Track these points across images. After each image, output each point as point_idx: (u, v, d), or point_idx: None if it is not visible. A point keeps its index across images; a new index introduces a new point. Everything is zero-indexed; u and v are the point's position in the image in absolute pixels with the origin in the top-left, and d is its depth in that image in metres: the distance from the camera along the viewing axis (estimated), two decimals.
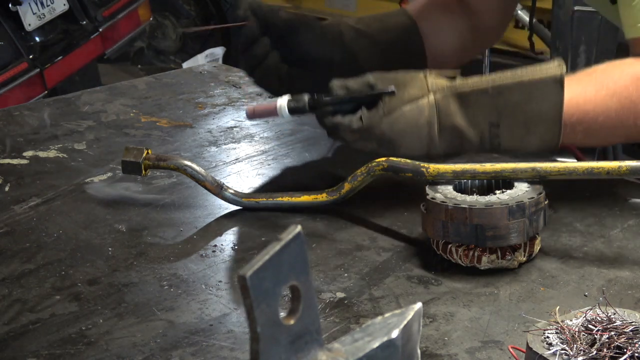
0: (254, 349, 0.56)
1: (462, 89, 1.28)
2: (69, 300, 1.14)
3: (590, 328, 0.87)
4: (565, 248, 1.23)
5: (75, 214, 1.38)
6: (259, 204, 1.35)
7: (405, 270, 1.19)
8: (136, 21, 4.70)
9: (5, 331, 1.07)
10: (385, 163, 1.26)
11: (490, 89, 1.27)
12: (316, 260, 1.22)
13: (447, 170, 1.21)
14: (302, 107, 1.32)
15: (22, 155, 1.62)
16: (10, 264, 1.23)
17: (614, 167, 1.18)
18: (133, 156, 1.37)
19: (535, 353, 0.85)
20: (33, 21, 3.97)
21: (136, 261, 1.23)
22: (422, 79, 1.30)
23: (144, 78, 2.10)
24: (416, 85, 1.29)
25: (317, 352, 0.61)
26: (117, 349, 1.03)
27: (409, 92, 1.28)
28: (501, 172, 1.21)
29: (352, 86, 1.30)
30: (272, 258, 0.57)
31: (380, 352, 0.62)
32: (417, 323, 0.65)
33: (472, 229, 1.14)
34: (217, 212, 1.36)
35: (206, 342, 1.04)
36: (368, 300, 1.12)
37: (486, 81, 1.28)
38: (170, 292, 1.15)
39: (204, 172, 1.36)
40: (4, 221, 1.36)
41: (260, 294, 0.56)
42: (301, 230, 0.59)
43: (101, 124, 1.76)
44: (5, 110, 1.90)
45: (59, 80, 4.06)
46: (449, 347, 1.01)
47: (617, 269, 1.17)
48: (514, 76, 1.28)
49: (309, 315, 0.60)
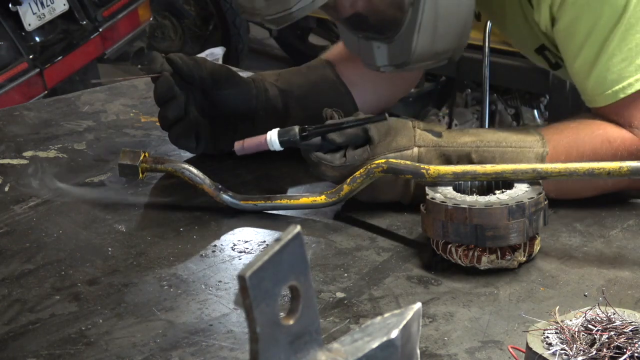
0: (254, 349, 0.56)
1: (446, 149, 1.30)
2: (69, 300, 1.14)
3: (590, 328, 0.87)
4: (565, 248, 1.23)
5: (75, 214, 1.38)
6: (257, 206, 1.35)
7: (405, 270, 1.19)
8: (136, 21, 4.70)
9: (5, 331, 1.07)
10: (385, 165, 1.25)
11: (473, 154, 1.30)
12: (316, 260, 1.22)
13: (447, 172, 1.21)
14: (293, 136, 1.31)
15: (22, 155, 1.62)
16: (10, 264, 1.23)
17: (615, 168, 1.17)
18: (130, 159, 1.37)
19: (535, 353, 0.85)
20: (33, 21, 3.97)
21: (136, 261, 1.23)
22: (411, 130, 1.32)
23: (144, 78, 2.10)
24: (405, 136, 1.31)
25: (316, 352, 0.61)
26: (117, 349, 1.03)
27: (397, 141, 1.30)
28: (502, 174, 1.20)
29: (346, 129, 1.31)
30: (271, 258, 0.57)
31: (379, 352, 0.62)
32: (416, 323, 0.65)
33: (471, 229, 1.14)
34: (216, 212, 1.36)
35: (206, 342, 1.04)
36: (368, 300, 1.12)
37: (470, 143, 1.30)
38: (170, 292, 1.15)
39: (202, 174, 1.36)
40: (4, 221, 1.36)
41: (260, 294, 0.56)
42: (300, 230, 0.59)
43: (101, 124, 1.76)
44: (5, 110, 1.90)
45: (59, 80, 4.06)
46: (448, 347, 1.01)
47: (617, 269, 1.17)
48: (498, 143, 1.30)
49: (309, 316, 0.60)
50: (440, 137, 1.31)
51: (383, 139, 1.30)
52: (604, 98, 1.31)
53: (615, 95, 1.30)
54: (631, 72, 1.28)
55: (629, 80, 1.28)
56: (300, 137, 1.31)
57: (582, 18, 1.29)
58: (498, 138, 1.31)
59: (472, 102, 4.38)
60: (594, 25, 1.28)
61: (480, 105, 3.93)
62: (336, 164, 1.30)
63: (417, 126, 1.33)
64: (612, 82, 1.29)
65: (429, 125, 1.34)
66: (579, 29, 1.30)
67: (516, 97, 4.21)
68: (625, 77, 1.28)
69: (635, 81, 1.28)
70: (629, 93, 1.28)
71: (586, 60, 1.31)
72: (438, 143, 1.31)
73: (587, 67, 1.31)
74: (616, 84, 1.29)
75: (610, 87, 1.30)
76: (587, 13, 1.28)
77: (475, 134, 1.32)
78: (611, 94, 1.30)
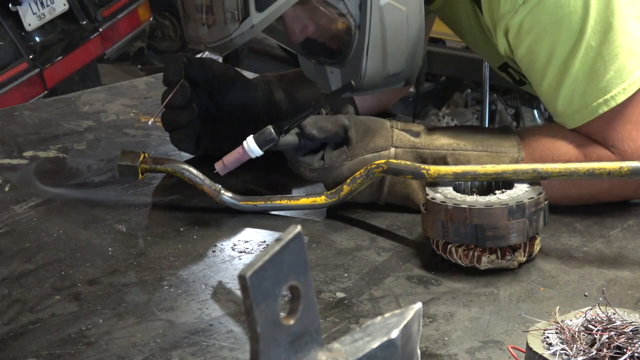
0: (254, 349, 0.56)
1: (423, 151, 1.31)
2: (69, 300, 1.14)
3: (590, 328, 0.87)
4: (565, 248, 1.23)
5: (75, 214, 1.38)
6: (257, 207, 1.35)
7: (405, 270, 1.19)
8: (136, 21, 4.70)
9: (5, 331, 1.07)
10: (385, 165, 1.26)
11: (448, 157, 1.30)
12: (316, 261, 1.22)
13: (447, 172, 1.21)
14: (269, 134, 1.31)
15: (22, 155, 1.62)
16: (10, 264, 1.23)
17: (615, 168, 1.17)
18: (130, 160, 1.37)
19: (535, 353, 0.85)
20: (33, 21, 3.97)
21: (136, 261, 1.23)
22: (389, 130, 1.33)
23: (144, 78, 2.10)
24: (382, 136, 1.32)
25: (316, 352, 0.61)
26: (117, 349, 1.03)
27: (374, 142, 1.32)
28: (502, 174, 1.20)
29: (324, 125, 1.32)
30: (272, 258, 0.57)
31: (380, 352, 0.62)
32: (417, 323, 0.65)
33: (472, 229, 1.14)
34: (216, 212, 1.36)
35: (206, 342, 1.04)
36: (368, 300, 1.12)
37: (447, 146, 1.31)
38: (170, 292, 1.15)
39: (202, 175, 1.36)
40: (4, 221, 1.36)
41: (260, 294, 0.56)
42: (301, 230, 0.59)
43: (101, 124, 1.76)
44: (5, 110, 1.90)
45: (59, 80, 4.06)
46: (449, 347, 1.01)
47: (617, 269, 1.17)
48: (474, 146, 1.31)
49: (309, 316, 0.60)
50: (418, 137, 1.33)
51: (360, 140, 1.31)
52: (573, 120, 1.31)
53: (583, 118, 1.29)
54: (597, 94, 1.27)
55: (597, 101, 1.27)
56: (275, 133, 1.31)
57: (540, 44, 1.29)
58: (474, 141, 1.32)
59: (472, 102, 4.38)
60: (552, 49, 1.28)
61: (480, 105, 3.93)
62: (315, 166, 1.32)
63: (395, 126, 1.34)
64: (579, 104, 1.29)
65: (407, 125, 1.35)
66: (539, 55, 1.30)
67: (516, 97, 4.21)
68: (591, 100, 1.28)
69: (604, 101, 1.27)
70: (599, 113, 1.28)
71: (551, 85, 1.30)
72: (415, 144, 1.32)
73: (553, 90, 1.30)
74: (584, 107, 1.28)
75: (579, 110, 1.29)
76: (544, 38, 1.28)
77: (453, 135, 1.33)
78: (579, 117, 1.29)
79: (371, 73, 1.34)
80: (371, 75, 1.34)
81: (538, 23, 1.27)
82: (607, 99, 1.27)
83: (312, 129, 1.31)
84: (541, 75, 1.31)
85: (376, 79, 1.35)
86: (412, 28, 1.33)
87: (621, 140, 1.28)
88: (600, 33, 1.25)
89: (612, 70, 1.26)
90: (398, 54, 1.34)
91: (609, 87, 1.26)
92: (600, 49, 1.26)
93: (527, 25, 1.28)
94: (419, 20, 1.34)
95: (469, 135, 1.33)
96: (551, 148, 1.31)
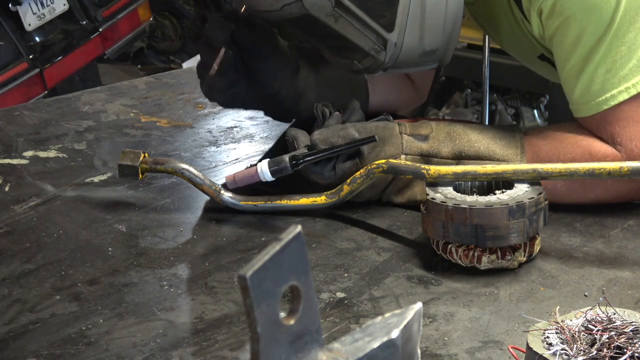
0: (254, 349, 0.56)
1: (430, 159, 1.33)
2: (69, 300, 1.14)
3: (590, 328, 0.87)
4: (565, 248, 1.23)
5: (75, 214, 1.38)
6: (257, 207, 1.35)
7: (405, 270, 1.19)
8: (136, 21, 4.70)
9: (5, 331, 1.07)
10: (385, 165, 1.26)
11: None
12: (316, 260, 1.22)
13: (447, 172, 1.21)
14: (284, 167, 1.33)
15: (22, 155, 1.62)
16: (10, 264, 1.23)
17: (615, 168, 1.17)
18: (130, 160, 1.37)
19: (535, 353, 0.85)
20: (33, 21, 3.97)
21: (136, 261, 1.23)
22: (398, 137, 1.34)
23: (144, 78, 2.11)
24: (393, 144, 1.33)
25: (317, 352, 0.61)
26: (117, 349, 1.03)
27: (385, 151, 1.33)
28: (502, 174, 1.20)
29: (335, 141, 1.31)
30: (272, 258, 0.56)
31: (380, 352, 0.62)
32: (417, 323, 0.65)
33: (472, 229, 1.14)
34: (216, 212, 1.36)
35: (206, 342, 1.04)
36: (368, 300, 1.12)
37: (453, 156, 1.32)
38: (170, 292, 1.15)
39: (202, 175, 1.36)
40: (4, 221, 1.36)
41: (260, 294, 0.56)
42: (301, 230, 0.58)
43: (101, 124, 1.76)
44: (5, 110, 1.90)
45: (59, 80, 4.06)
46: (449, 347, 1.01)
47: (617, 269, 1.17)
48: (479, 154, 1.32)
49: (309, 315, 0.60)
50: (426, 141, 1.33)
51: (372, 150, 1.32)
52: (587, 108, 1.31)
53: (598, 107, 1.29)
54: (614, 84, 1.27)
55: (612, 92, 1.28)
56: (290, 166, 1.32)
57: (569, 28, 1.29)
58: (478, 148, 1.33)
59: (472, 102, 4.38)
60: (580, 35, 1.28)
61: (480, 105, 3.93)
62: (326, 176, 1.33)
63: (404, 131, 1.34)
64: (596, 92, 1.29)
65: (415, 129, 1.35)
66: (566, 39, 1.30)
67: (516, 97, 4.21)
68: (608, 89, 1.28)
69: (618, 93, 1.27)
70: (611, 105, 1.28)
71: (573, 69, 1.31)
72: (423, 152, 1.33)
73: (574, 76, 1.31)
74: (599, 95, 1.29)
75: (594, 98, 1.29)
76: (573, 22, 1.28)
77: (459, 137, 1.34)
78: (594, 105, 1.29)
79: (408, 48, 1.33)
80: (408, 50, 1.34)
81: (569, 8, 1.28)
82: (628, 86, 1.27)
83: (322, 146, 1.31)
84: (565, 59, 1.32)
85: (412, 54, 1.35)
86: (450, 5, 1.34)
87: (629, 139, 1.28)
88: (628, 24, 1.26)
89: (635, 59, 1.26)
90: (435, 30, 1.34)
91: (630, 75, 1.27)
92: (624, 39, 1.26)
93: (559, 8, 1.29)
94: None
95: (475, 136, 1.34)
96: (558, 147, 1.31)
